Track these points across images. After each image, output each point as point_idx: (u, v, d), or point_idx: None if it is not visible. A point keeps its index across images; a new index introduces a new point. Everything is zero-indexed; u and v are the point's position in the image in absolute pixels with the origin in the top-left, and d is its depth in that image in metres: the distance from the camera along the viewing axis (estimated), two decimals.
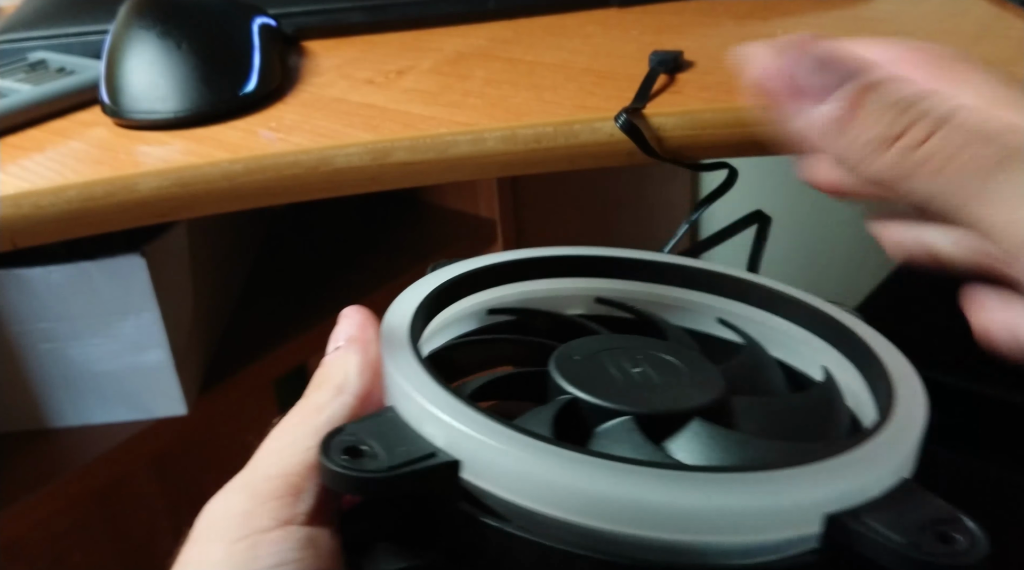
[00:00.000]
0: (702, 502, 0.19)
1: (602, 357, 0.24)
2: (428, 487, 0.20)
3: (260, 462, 0.22)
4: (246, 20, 0.50)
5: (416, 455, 0.20)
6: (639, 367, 0.24)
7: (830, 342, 0.27)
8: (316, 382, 0.24)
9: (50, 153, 0.43)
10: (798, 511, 0.19)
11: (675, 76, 0.44)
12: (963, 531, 0.19)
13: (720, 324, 0.29)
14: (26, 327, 0.59)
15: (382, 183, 0.42)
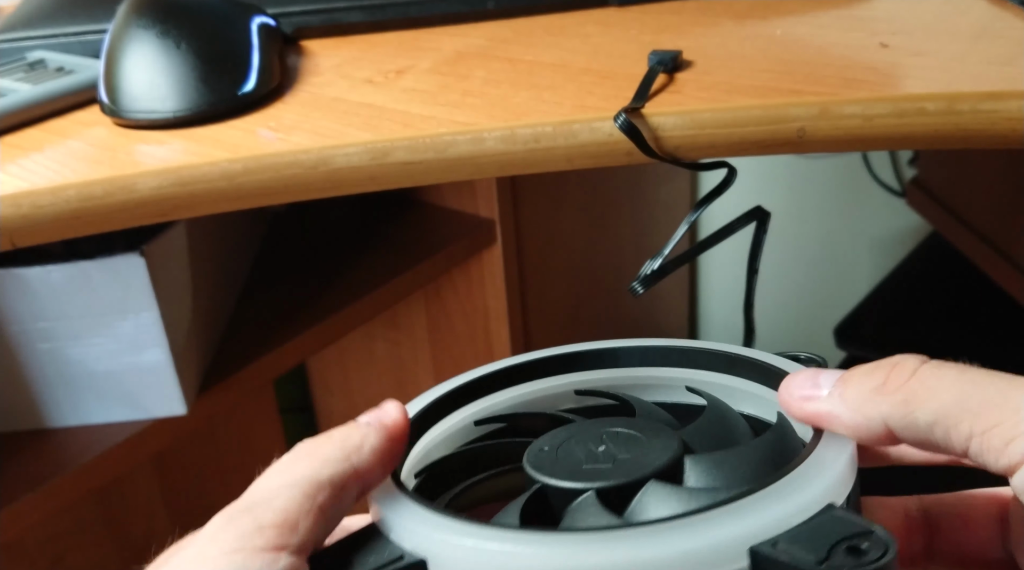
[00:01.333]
0: (635, 554, 0.21)
1: (571, 443, 0.27)
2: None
3: (264, 491, 0.24)
4: (245, 20, 0.50)
5: (386, 560, 0.23)
6: (603, 445, 0.26)
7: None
8: (335, 437, 0.26)
9: (49, 153, 0.43)
10: (724, 548, 0.21)
11: (674, 76, 0.44)
12: (874, 542, 0.21)
13: (688, 391, 0.31)
14: (25, 327, 0.59)
15: (381, 183, 0.42)
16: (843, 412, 0.24)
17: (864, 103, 0.39)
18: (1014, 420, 0.22)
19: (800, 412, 0.25)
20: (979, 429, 0.22)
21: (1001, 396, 0.22)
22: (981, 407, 0.22)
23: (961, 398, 0.23)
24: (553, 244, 0.99)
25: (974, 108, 0.38)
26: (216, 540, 0.23)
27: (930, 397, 0.23)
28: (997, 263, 0.87)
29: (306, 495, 0.24)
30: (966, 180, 0.96)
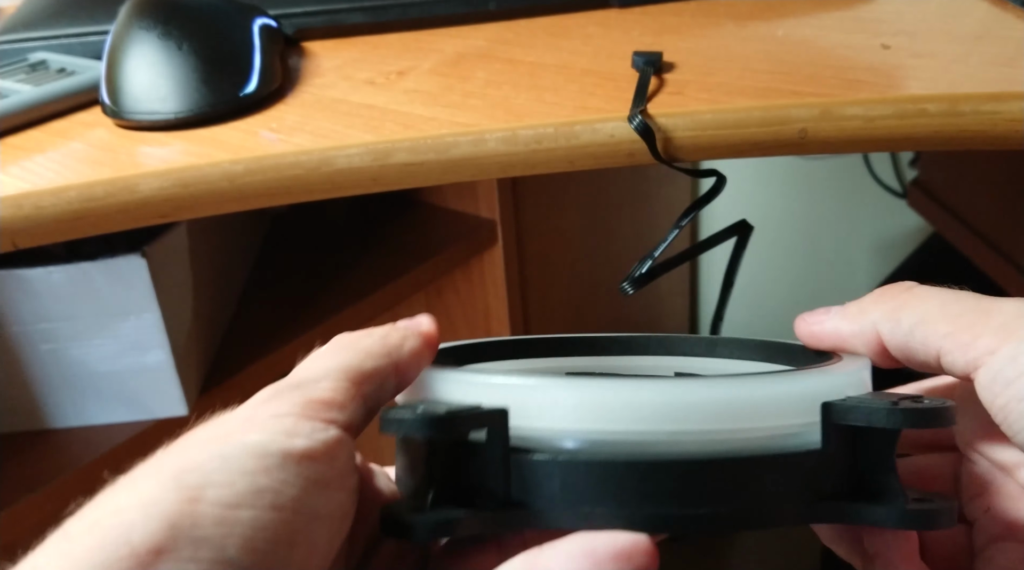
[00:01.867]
0: (731, 394, 0.23)
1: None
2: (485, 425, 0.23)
3: (311, 372, 0.25)
4: (246, 21, 0.50)
5: (467, 408, 0.23)
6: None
7: (771, 361, 0.32)
8: (375, 334, 0.26)
9: (51, 154, 0.43)
10: (804, 399, 0.24)
11: (663, 77, 0.44)
12: (930, 400, 0.24)
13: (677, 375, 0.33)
14: (27, 328, 0.59)
15: (383, 184, 0.42)
16: (842, 324, 0.28)
17: (865, 104, 0.39)
18: (984, 321, 0.24)
19: (809, 333, 0.29)
20: (952, 330, 0.25)
21: (976, 304, 0.25)
22: (959, 312, 0.25)
23: (943, 305, 0.25)
24: (554, 245, 0.99)
25: (975, 109, 0.38)
26: (265, 406, 0.23)
27: (917, 304, 0.26)
28: (998, 264, 0.87)
29: (352, 381, 0.24)
30: (967, 181, 0.96)
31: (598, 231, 1.07)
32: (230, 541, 0.20)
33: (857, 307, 0.27)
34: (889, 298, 0.27)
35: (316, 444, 0.22)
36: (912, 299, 0.26)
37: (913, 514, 0.23)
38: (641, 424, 0.23)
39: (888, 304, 0.26)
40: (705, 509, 0.22)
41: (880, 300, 0.27)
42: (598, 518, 0.22)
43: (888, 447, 0.24)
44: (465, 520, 0.23)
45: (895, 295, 0.27)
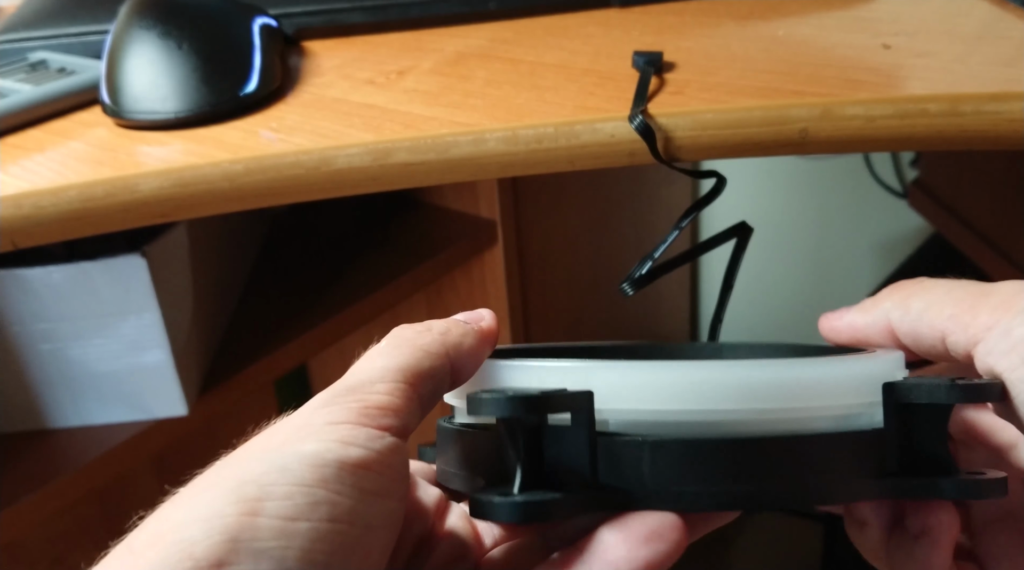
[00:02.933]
0: (798, 374, 0.25)
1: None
2: (572, 408, 0.23)
3: (367, 373, 0.24)
4: (246, 20, 0.50)
5: (556, 390, 0.24)
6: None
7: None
8: (434, 329, 0.26)
9: (50, 153, 0.43)
10: (866, 379, 0.25)
11: (664, 76, 0.44)
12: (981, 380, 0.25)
13: None
14: (26, 327, 0.59)
15: (383, 183, 0.42)
16: (857, 317, 0.29)
17: (866, 104, 0.39)
18: (984, 301, 0.26)
19: (829, 327, 0.31)
20: (956, 311, 0.26)
21: (978, 288, 0.27)
22: (961, 296, 0.27)
23: (948, 291, 0.27)
24: (554, 245, 0.99)
25: (976, 109, 0.38)
26: (321, 412, 0.23)
27: (924, 292, 0.28)
28: (998, 264, 0.87)
29: (409, 383, 0.24)
30: (968, 181, 0.96)
31: (598, 231, 1.07)
32: (289, 553, 0.20)
33: (871, 300, 0.29)
34: (900, 289, 0.29)
35: (371, 454, 0.22)
36: (920, 288, 0.28)
37: (972, 484, 0.24)
38: (726, 403, 0.24)
39: (898, 294, 0.28)
40: (789, 485, 0.24)
41: (892, 291, 0.29)
42: (689, 497, 0.23)
43: (943, 423, 0.25)
44: (561, 502, 0.23)
45: (905, 286, 0.29)
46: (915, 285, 0.28)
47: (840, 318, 0.30)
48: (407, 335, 0.26)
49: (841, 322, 0.30)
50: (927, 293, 0.28)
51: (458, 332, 0.26)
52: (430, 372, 0.25)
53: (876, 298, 0.29)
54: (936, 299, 0.27)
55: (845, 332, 0.30)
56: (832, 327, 0.30)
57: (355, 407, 0.23)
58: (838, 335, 0.30)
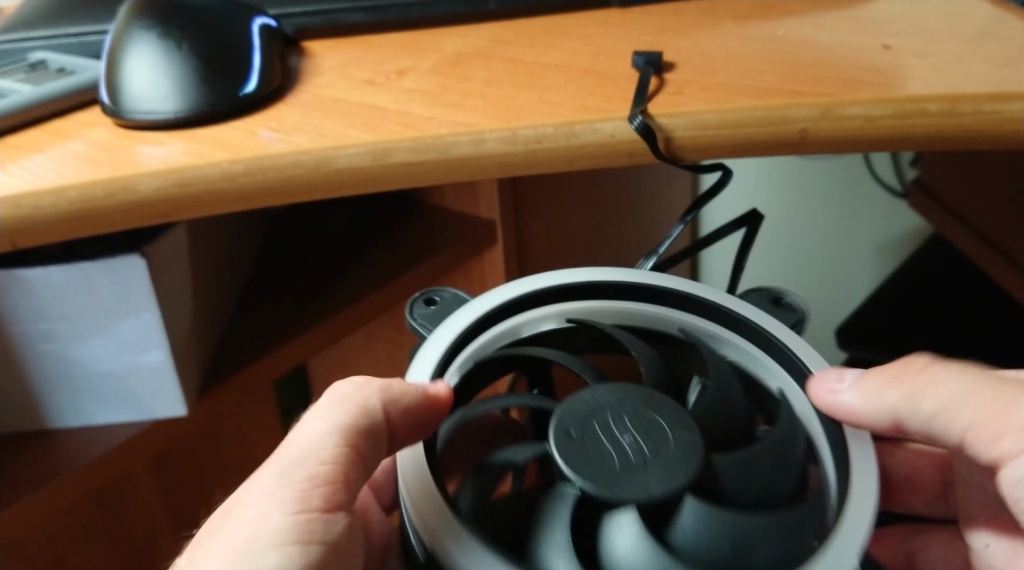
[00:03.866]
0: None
1: (594, 428, 0.27)
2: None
3: (310, 440, 0.24)
4: (246, 20, 0.50)
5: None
6: (627, 433, 0.27)
7: (769, 354, 0.32)
8: (374, 383, 0.26)
9: (50, 153, 0.43)
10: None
11: (663, 76, 0.44)
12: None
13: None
14: (26, 328, 0.59)
15: (382, 184, 0.42)
16: (857, 402, 0.27)
17: (866, 104, 0.39)
18: (1006, 416, 0.23)
19: (823, 403, 0.28)
20: (975, 421, 0.24)
21: (997, 394, 0.24)
22: (979, 402, 0.24)
23: (962, 392, 0.24)
24: (554, 245, 0.99)
25: (976, 109, 0.38)
26: (276, 500, 0.23)
27: (935, 390, 0.25)
28: (999, 264, 0.87)
29: (350, 444, 0.24)
30: (968, 181, 0.96)
31: (598, 231, 1.07)
32: None
33: (874, 385, 0.27)
34: (907, 379, 0.26)
35: (329, 548, 0.22)
36: (930, 384, 0.25)
37: None
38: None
39: (906, 387, 0.26)
40: None
41: (897, 382, 0.26)
42: None
43: None
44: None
45: (912, 376, 0.26)
46: (922, 376, 0.25)
47: (836, 394, 0.28)
48: (345, 391, 0.25)
49: (837, 401, 0.28)
50: (938, 391, 0.25)
51: (399, 388, 0.26)
52: (368, 430, 0.24)
53: (879, 383, 0.26)
54: (951, 401, 0.25)
55: (842, 414, 0.28)
56: (826, 403, 0.28)
57: (306, 488, 0.23)
58: (832, 413, 0.28)
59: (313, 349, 0.77)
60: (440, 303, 0.33)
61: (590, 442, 0.27)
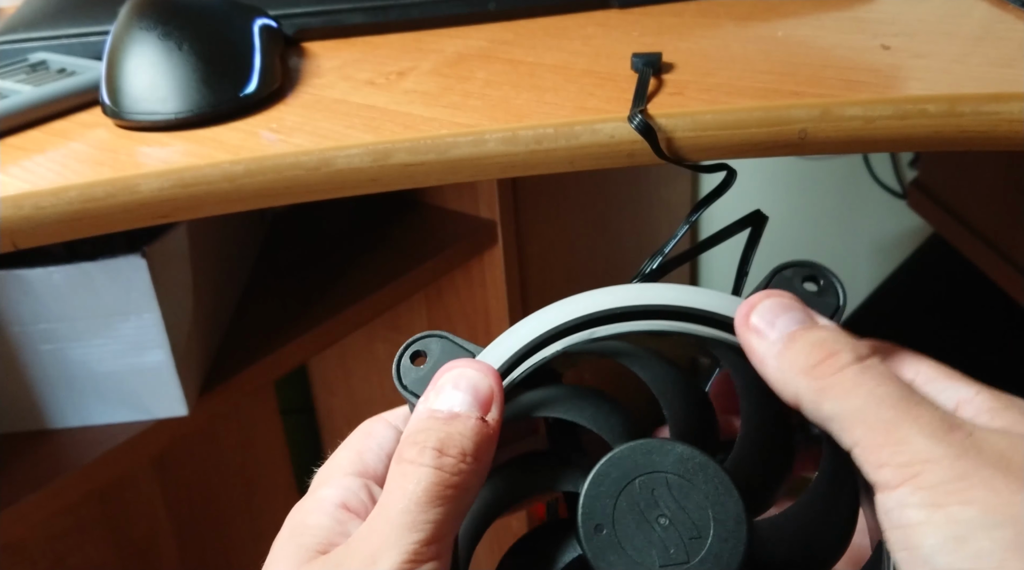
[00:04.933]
0: None
1: (624, 510, 0.25)
2: None
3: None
4: (247, 21, 0.50)
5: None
6: (662, 516, 0.25)
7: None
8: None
9: (51, 154, 0.43)
10: None
11: (662, 77, 0.44)
12: None
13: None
14: (27, 328, 0.59)
15: (383, 184, 0.42)
16: (771, 367, 0.26)
17: (865, 105, 0.39)
18: (892, 449, 0.23)
19: (743, 337, 0.27)
20: (864, 442, 0.24)
21: (894, 422, 0.24)
22: (872, 424, 0.24)
23: (861, 408, 0.24)
24: (554, 245, 0.99)
25: (975, 110, 0.38)
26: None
27: (840, 396, 0.25)
28: (998, 265, 0.87)
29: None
30: (967, 182, 0.96)
31: (598, 231, 1.07)
32: None
33: (792, 366, 0.26)
34: (820, 376, 0.25)
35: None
36: (836, 388, 0.25)
37: None
38: None
39: (816, 383, 0.25)
40: None
41: (811, 374, 0.25)
42: None
43: None
44: None
45: (826, 375, 0.25)
46: (835, 379, 0.25)
47: (759, 340, 0.27)
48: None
49: (756, 348, 0.27)
50: (841, 399, 0.25)
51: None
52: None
53: (798, 363, 0.26)
54: (847, 414, 0.24)
55: (754, 360, 0.27)
56: (746, 339, 0.27)
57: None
58: (746, 350, 0.27)
59: (314, 349, 0.77)
60: (430, 357, 0.29)
61: (624, 534, 0.25)
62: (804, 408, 0.25)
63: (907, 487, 0.23)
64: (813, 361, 0.25)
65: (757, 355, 0.27)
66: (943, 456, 0.23)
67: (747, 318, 0.27)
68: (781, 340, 0.26)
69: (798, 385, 0.25)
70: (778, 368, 0.26)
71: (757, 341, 0.27)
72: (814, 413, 0.25)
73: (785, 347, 0.26)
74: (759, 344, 0.27)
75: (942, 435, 0.23)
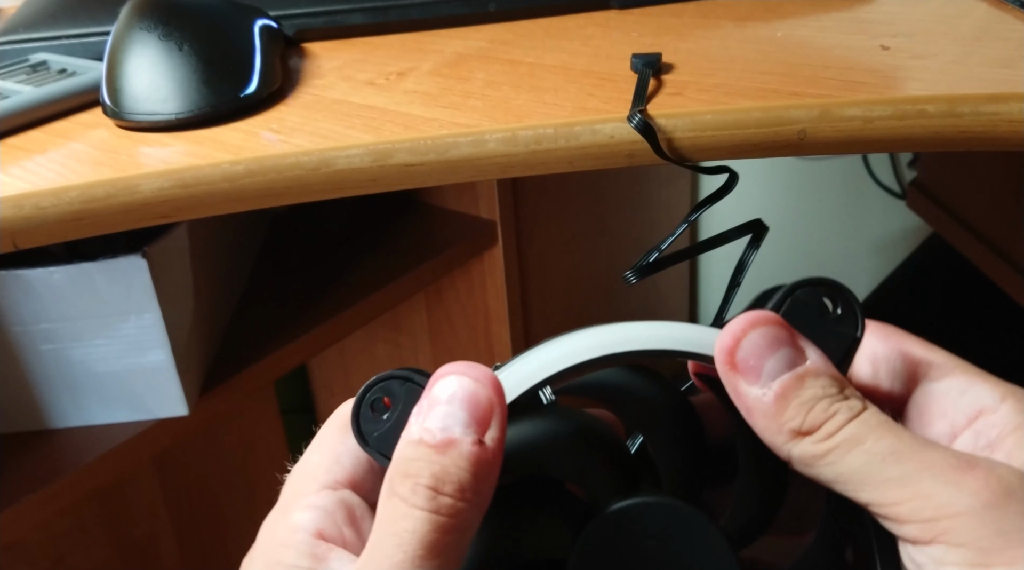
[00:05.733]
0: None
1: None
2: None
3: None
4: (247, 22, 0.50)
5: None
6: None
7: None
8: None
9: (51, 154, 0.43)
10: None
11: (661, 78, 0.44)
12: None
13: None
14: (28, 328, 0.59)
15: (383, 184, 0.42)
16: (760, 425, 0.23)
17: (865, 105, 0.39)
18: (911, 505, 0.22)
19: (727, 378, 0.23)
20: (877, 501, 0.22)
21: (905, 477, 0.22)
22: (882, 483, 0.22)
23: (865, 469, 0.22)
24: (554, 245, 0.99)
25: (975, 110, 0.38)
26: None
27: (838, 460, 0.22)
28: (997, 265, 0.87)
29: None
30: (966, 182, 0.96)
31: (598, 232, 1.08)
32: None
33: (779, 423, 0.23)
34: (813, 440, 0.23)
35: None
36: (833, 453, 0.23)
37: None
38: None
39: (809, 447, 0.23)
40: None
41: (804, 438, 0.23)
42: None
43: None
44: None
45: (818, 439, 0.23)
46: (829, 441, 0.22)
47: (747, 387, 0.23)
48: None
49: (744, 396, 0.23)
50: (840, 462, 0.22)
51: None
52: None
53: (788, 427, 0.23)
54: (851, 475, 0.22)
55: (741, 410, 0.23)
56: (731, 382, 0.23)
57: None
58: (732, 396, 0.24)
59: (314, 349, 0.77)
60: (395, 403, 0.24)
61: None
62: (798, 468, 0.23)
63: (941, 546, 0.21)
64: (808, 426, 0.23)
65: (743, 404, 0.23)
66: (970, 507, 0.21)
67: (731, 355, 0.23)
68: (771, 398, 0.23)
69: (790, 448, 0.23)
70: (767, 428, 0.23)
71: (744, 388, 0.23)
72: (810, 474, 0.23)
73: (776, 406, 0.23)
74: (746, 392, 0.23)
75: (961, 479, 0.21)
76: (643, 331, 0.24)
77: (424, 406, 0.23)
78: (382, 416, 0.24)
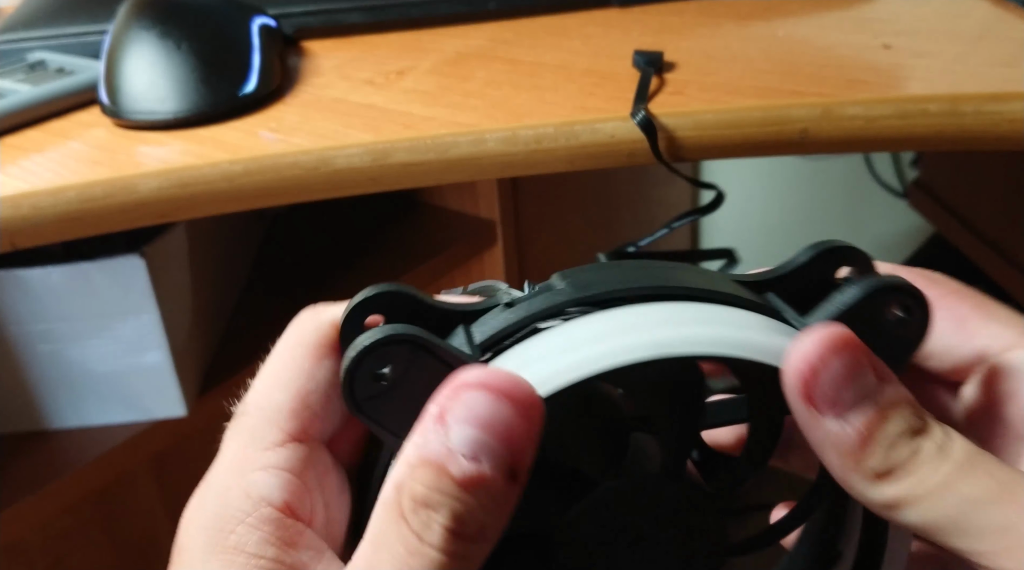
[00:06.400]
0: None
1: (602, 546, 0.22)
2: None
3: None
4: (246, 20, 0.50)
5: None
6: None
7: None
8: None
9: (49, 154, 0.43)
10: None
11: (664, 76, 0.44)
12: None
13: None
14: (25, 328, 0.59)
15: (382, 184, 0.42)
16: (835, 464, 0.20)
17: (866, 104, 0.39)
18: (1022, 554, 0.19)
19: (797, 409, 0.20)
20: (977, 550, 0.19)
21: (1009, 526, 0.19)
22: (982, 531, 0.19)
23: (962, 517, 0.19)
24: (554, 245, 0.99)
25: (976, 109, 0.38)
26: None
27: (928, 506, 0.20)
28: (999, 264, 0.87)
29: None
30: (968, 181, 0.96)
31: (598, 231, 1.07)
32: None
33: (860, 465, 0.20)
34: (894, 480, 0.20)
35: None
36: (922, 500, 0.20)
37: None
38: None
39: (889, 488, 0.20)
40: None
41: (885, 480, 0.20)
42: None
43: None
44: None
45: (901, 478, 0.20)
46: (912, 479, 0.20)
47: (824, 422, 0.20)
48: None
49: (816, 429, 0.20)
50: (929, 509, 0.20)
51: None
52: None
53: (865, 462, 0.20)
54: (944, 523, 0.19)
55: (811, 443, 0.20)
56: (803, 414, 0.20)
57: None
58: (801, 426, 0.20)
59: None
60: (395, 365, 0.20)
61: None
62: (875, 511, 0.20)
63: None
64: (890, 466, 0.20)
65: (814, 437, 0.20)
66: None
67: (808, 387, 0.20)
68: (853, 436, 0.20)
69: (870, 492, 0.20)
70: (842, 467, 0.20)
71: (820, 424, 0.20)
72: (888, 518, 0.20)
73: (860, 449, 0.20)
74: (819, 425, 0.20)
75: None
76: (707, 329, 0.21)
77: (444, 417, 0.18)
78: (379, 372, 0.20)
